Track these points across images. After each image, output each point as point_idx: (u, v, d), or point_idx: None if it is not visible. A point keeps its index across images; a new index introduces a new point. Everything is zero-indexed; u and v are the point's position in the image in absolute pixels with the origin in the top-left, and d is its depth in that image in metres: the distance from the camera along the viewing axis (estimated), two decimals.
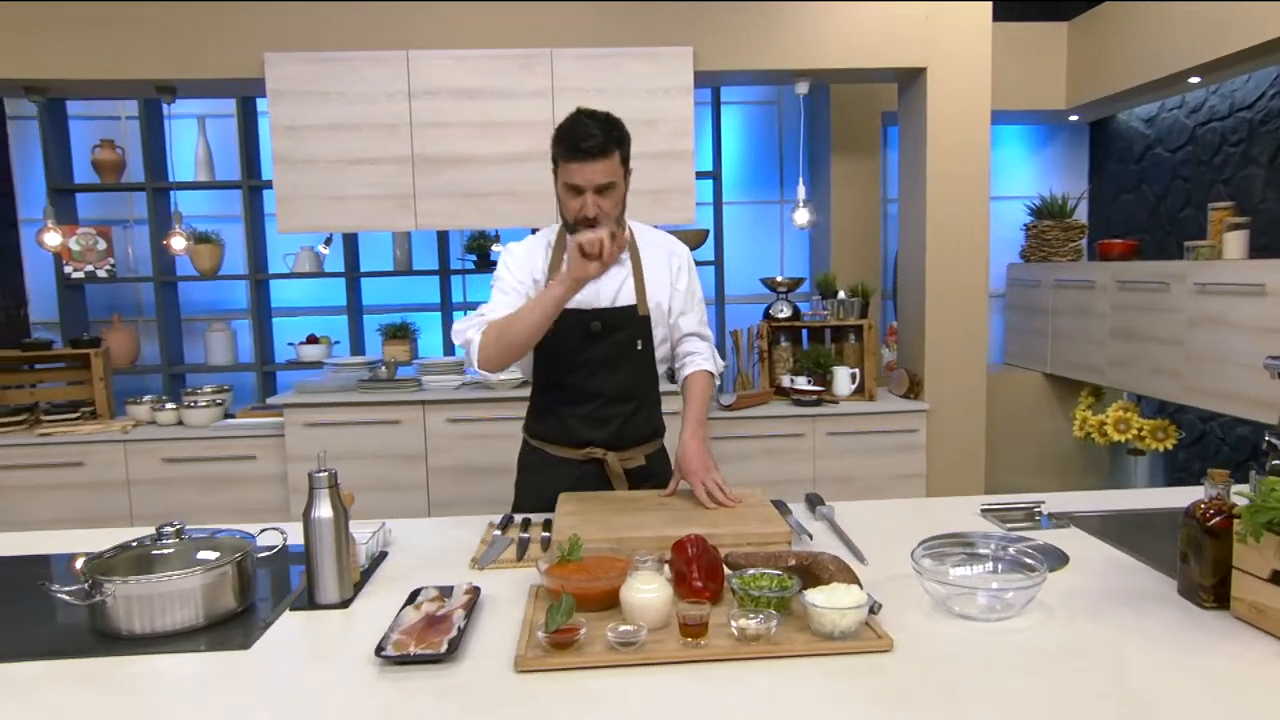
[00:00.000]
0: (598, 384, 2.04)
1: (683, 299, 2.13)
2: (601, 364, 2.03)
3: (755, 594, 1.36)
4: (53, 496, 3.80)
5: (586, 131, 1.88)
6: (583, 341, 2.01)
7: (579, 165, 1.89)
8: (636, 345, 2.04)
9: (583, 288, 1.83)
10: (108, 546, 1.52)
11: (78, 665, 1.30)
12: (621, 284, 2.05)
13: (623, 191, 1.99)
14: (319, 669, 1.28)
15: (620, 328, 2.02)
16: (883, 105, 4.83)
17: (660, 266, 2.10)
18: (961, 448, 4.03)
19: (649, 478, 2.10)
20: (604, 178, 1.90)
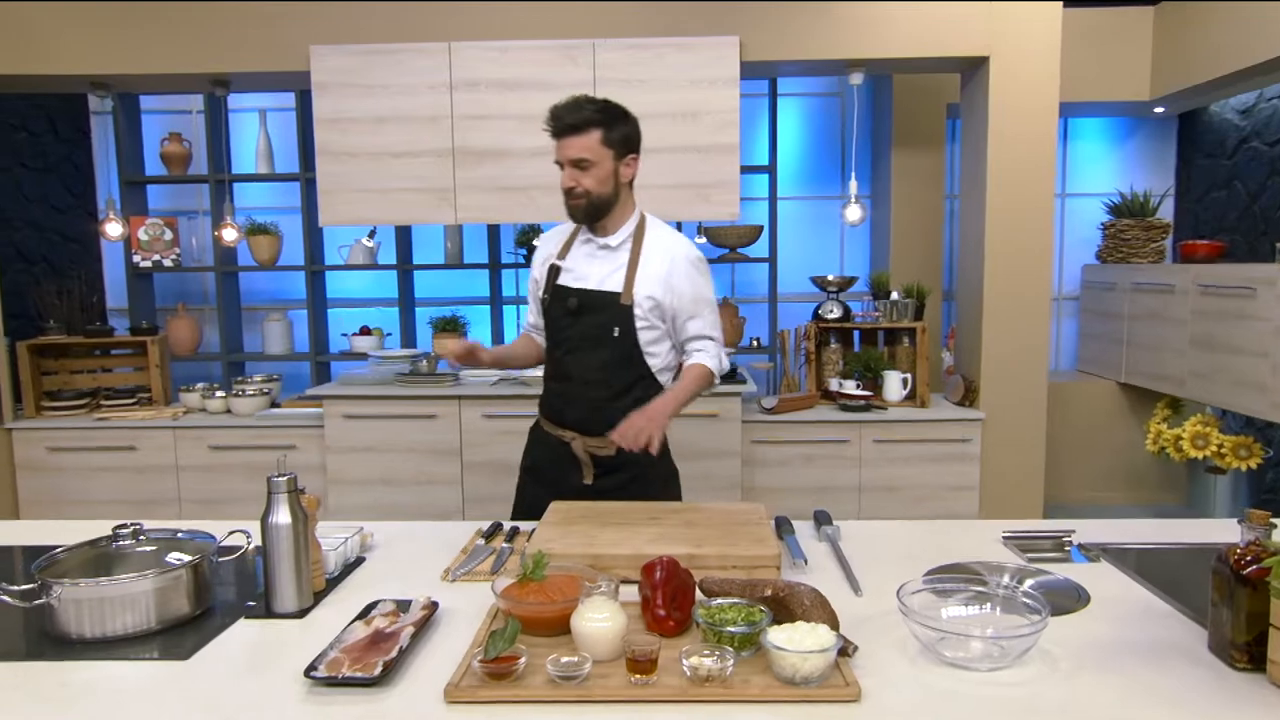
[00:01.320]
0: (572, 363, 2.13)
1: (686, 302, 2.11)
2: (578, 344, 2.11)
3: (717, 628, 1.25)
4: (108, 478, 3.91)
5: (565, 108, 2.00)
6: (564, 317, 2.12)
7: (558, 141, 2.02)
8: (614, 332, 2.07)
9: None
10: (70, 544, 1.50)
11: (16, 669, 1.28)
12: (612, 271, 2.10)
13: (609, 170, 2.04)
14: (250, 685, 1.23)
15: (598, 311, 2.08)
16: (948, 97, 4.59)
17: (657, 262, 2.09)
18: (1019, 460, 3.79)
19: (618, 469, 2.11)
20: (578, 153, 2.00)
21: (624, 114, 2.07)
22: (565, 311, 2.10)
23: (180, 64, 3.83)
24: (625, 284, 2.07)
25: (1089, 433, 4.65)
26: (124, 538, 1.47)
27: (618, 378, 2.10)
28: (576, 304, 2.08)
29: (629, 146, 2.08)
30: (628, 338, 2.08)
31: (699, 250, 2.18)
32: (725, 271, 5.30)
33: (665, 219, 3.84)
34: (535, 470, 2.24)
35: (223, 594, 1.54)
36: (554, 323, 2.15)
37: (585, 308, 2.08)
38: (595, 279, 2.09)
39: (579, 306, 2.08)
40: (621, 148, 2.05)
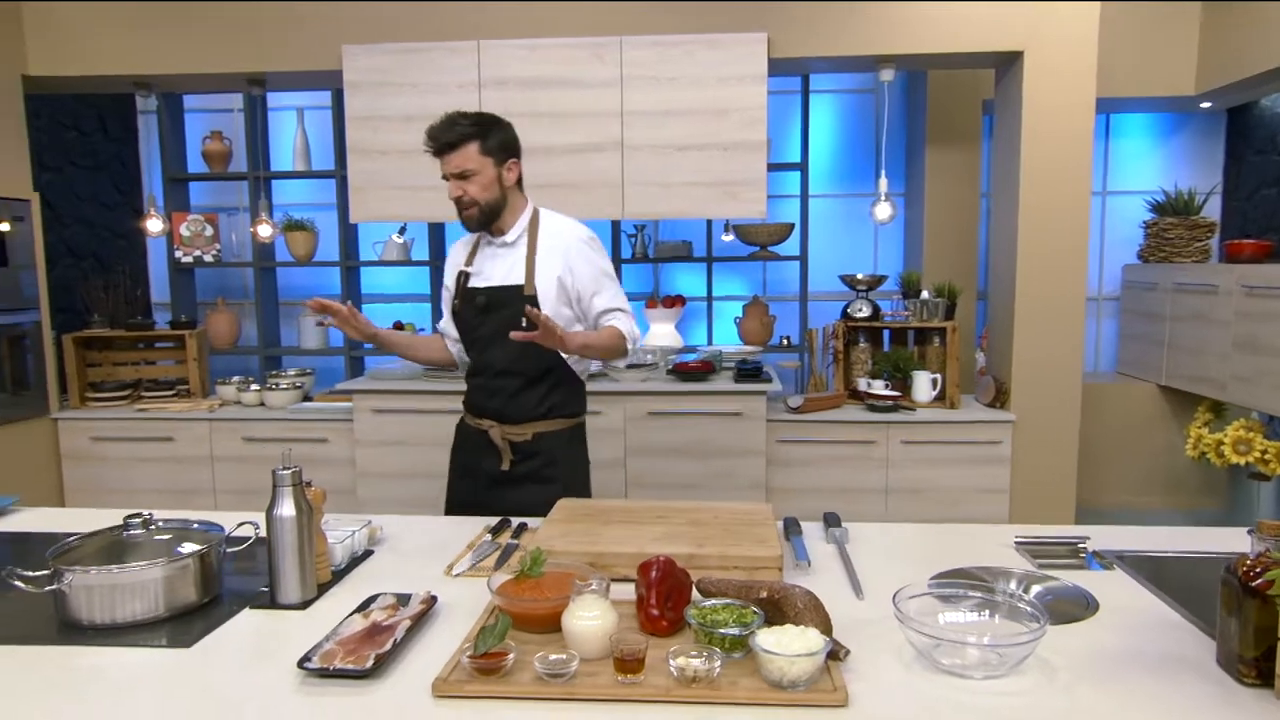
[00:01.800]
0: (488, 358, 2.25)
1: (586, 280, 2.23)
2: (490, 339, 2.22)
3: (709, 629, 1.24)
4: (148, 468, 4.02)
5: (440, 128, 2.12)
6: (476, 316, 2.24)
7: (440, 159, 2.14)
8: (522, 323, 2.14)
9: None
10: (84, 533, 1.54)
11: (30, 652, 1.32)
12: (512, 266, 2.22)
13: (491, 177, 2.15)
14: (246, 675, 1.25)
15: (505, 305, 2.19)
16: (984, 93, 4.51)
17: (554, 250, 2.22)
18: (1051, 463, 3.71)
19: (534, 454, 2.23)
20: (459, 166, 2.12)
21: (497, 122, 2.18)
22: (476, 311, 2.23)
23: (218, 64, 3.91)
24: (526, 275, 2.19)
25: (1127, 436, 4.54)
26: (135, 527, 1.50)
27: (530, 366, 2.21)
28: (484, 301, 2.21)
29: (508, 151, 2.19)
30: (532, 326, 2.14)
31: (590, 230, 2.31)
32: (755, 270, 5.27)
33: (692, 217, 3.88)
34: (458, 464, 2.36)
35: (236, 584, 1.58)
36: (468, 324, 2.27)
37: (493, 304, 2.21)
38: (499, 276, 2.22)
39: (487, 304, 2.21)
40: (500, 154, 2.16)
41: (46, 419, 4.02)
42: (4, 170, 3.82)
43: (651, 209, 3.74)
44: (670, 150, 3.68)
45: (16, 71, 3.88)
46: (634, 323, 2.28)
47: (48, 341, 4.03)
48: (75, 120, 4.94)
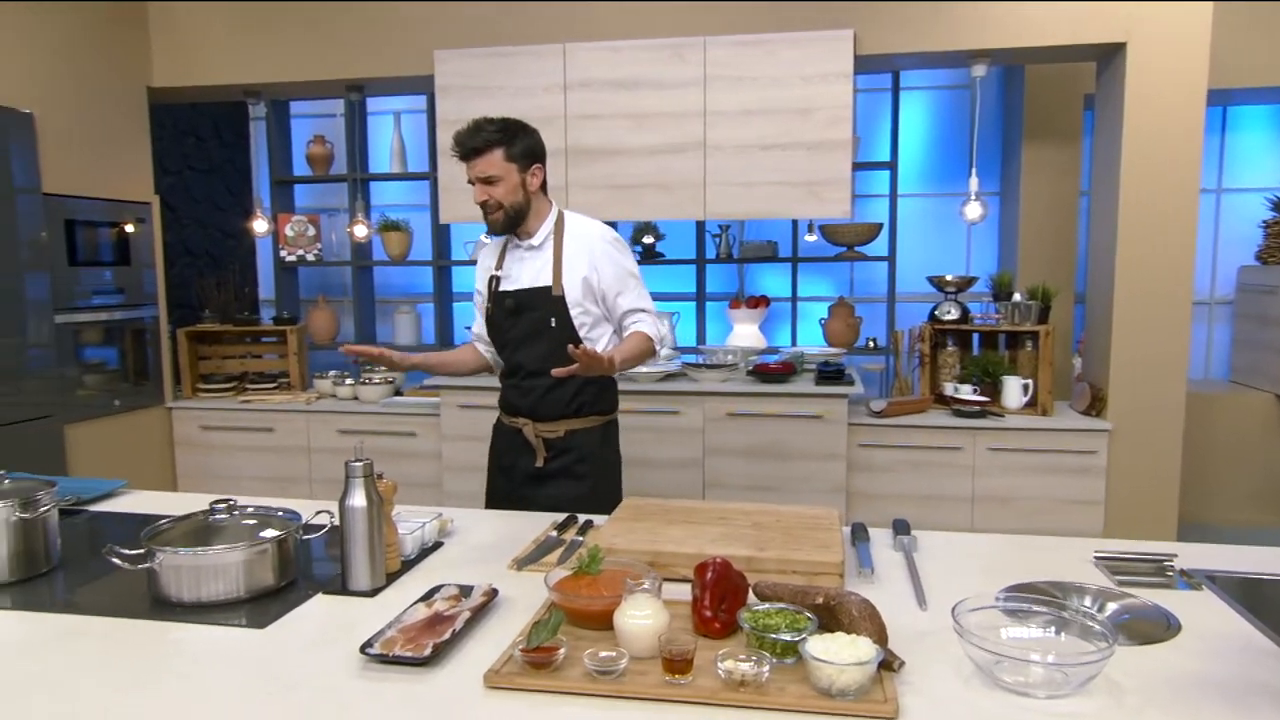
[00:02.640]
0: (520, 358, 2.31)
1: (610, 279, 2.28)
2: (521, 340, 2.30)
3: (761, 633, 1.24)
4: (250, 457, 4.24)
5: (467, 133, 2.18)
6: (506, 318, 2.31)
7: (466, 163, 2.19)
8: (550, 322, 2.25)
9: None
10: (174, 516, 1.64)
11: (125, 624, 1.42)
12: (541, 267, 2.28)
13: (516, 182, 2.20)
14: (312, 657, 1.31)
15: (534, 307, 2.27)
16: (1085, 87, 4.32)
17: (580, 251, 2.27)
18: (1151, 475, 3.53)
19: (566, 450, 2.30)
20: (484, 170, 2.17)
21: (523, 129, 2.23)
22: (507, 314, 2.29)
23: (319, 71, 4.09)
24: (554, 276, 2.25)
25: (1239, 449, 4.28)
26: (221, 512, 1.59)
27: (560, 365, 2.17)
28: (514, 304, 2.28)
29: (532, 157, 2.23)
30: (564, 326, 2.26)
31: (614, 231, 2.35)
32: (842, 270, 5.18)
33: (774, 217, 3.84)
34: (495, 461, 2.44)
35: (312, 569, 1.65)
36: (499, 326, 2.33)
37: (522, 306, 2.27)
38: (527, 279, 2.28)
39: (516, 306, 2.28)
40: (524, 160, 2.21)
41: (162, 408, 4.28)
42: (130, 175, 4.09)
43: (733, 209, 3.73)
44: (753, 150, 3.66)
45: (142, 84, 4.15)
46: (659, 323, 2.33)
47: (164, 335, 4.29)
48: (193, 127, 5.24)
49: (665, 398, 3.74)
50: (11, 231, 3.43)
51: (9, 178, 3.43)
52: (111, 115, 3.99)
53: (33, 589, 1.58)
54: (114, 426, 3.99)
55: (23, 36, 3.53)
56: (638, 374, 3.84)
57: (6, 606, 1.51)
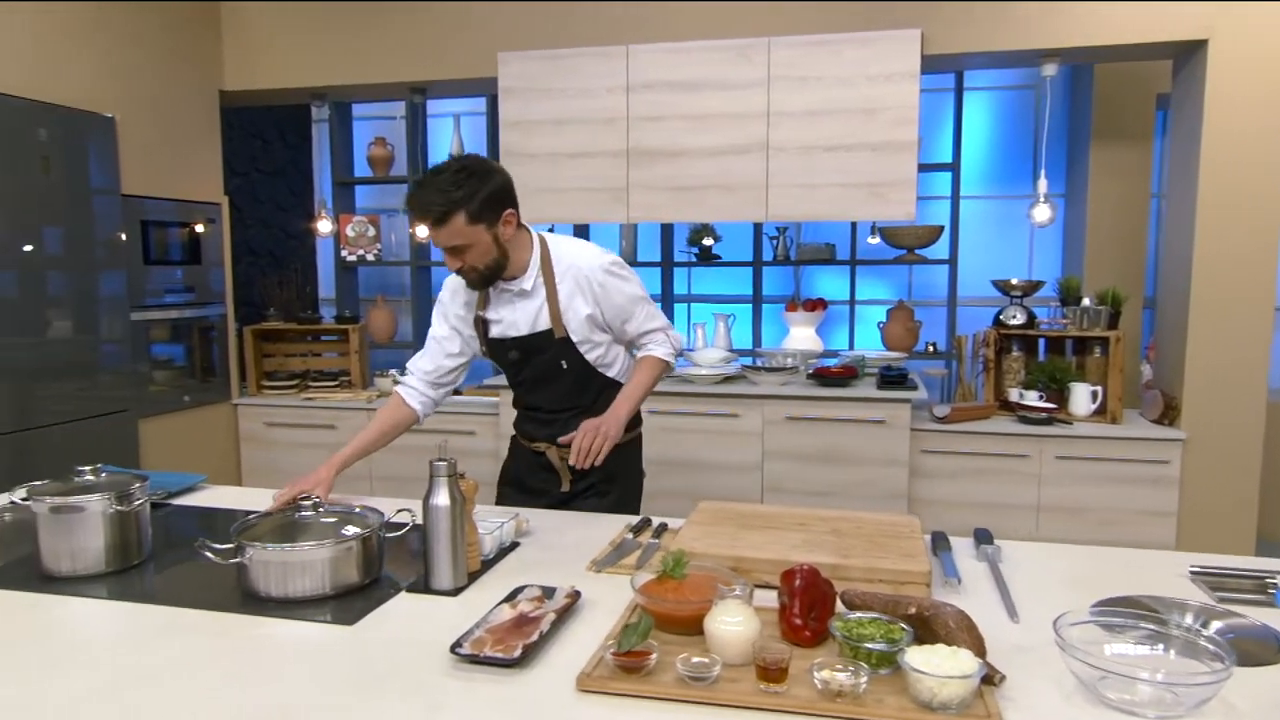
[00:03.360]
0: (536, 398, 2.21)
1: (617, 310, 2.14)
2: (536, 382, 2.17)
3: (855, 643, 1.22)
4: (312, 453, 4.30)
5: (421, 200, 1.90)
6: (511, 366, 2.17)
7: (428, 230, 1.95)
8: (561, 365, 2.12)
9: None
10: (261, 512, 1.67)
11: (219, 617, 1.45)
12: (537, 310, 2.10)
13: (488, 243, 1.95)
14: (401, 654, 1.32)
15: (540, 351, 2.12)
16: (1157, 87, 4.21)
17: (578, 288, 2.09)
18: (1227, 488, 3.42)
19: (592, 471, 2.13)
20: (448, 241, 1.93)
21: (481, 175, 1.91)
22: (509, 362, 2.16)
23: (385, 74, 4.14)
24: (553, 319, 2.08)
25: None
26: (306, 509, 1.62)
27: (582, 398, 2.17)
28: (519, 354, 2.13)
29: (500, 205, 1.95)
30: (577, 364, 2.14)
31: (611, 254, 2.15)
32: (901, 273, 5.11)
33: (837, 219, 3.80)
34: (517, 483, 2.30)
35: (393, 567, 1.67)
36: (503, 366, 2.20)
37: (528, 352, 2.12)
38: (525, 324, 2.10)
39: (522, 355, 2.13)
40: (491, 214, 1.93)
41: (228, 404, 4.37)
42: (201, 176, 4.18)
43: (795, 211, 3.70)
44: (817, 151, 3.62)
45: (215, 87, 4.25)
46: (673, 332, 2.23)
47: (232, 333, 4.39)
48: (259, 129, 5.36)
49: (724, 400, 3.72)
50: (92, 232, 3.53)
51: (90, 180, 3.53)
52: (186, 118, 4.09)
53: (127, 580, 1.62)
54: (183, 421, 4.09)
55: (106, 41, 3.64)
56: (695, 375, 3.83)
57: (103, 596, 1.55)
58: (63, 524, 1.60)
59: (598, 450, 2.02)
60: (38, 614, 1.49)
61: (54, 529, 1.60)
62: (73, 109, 3.46)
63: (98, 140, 3.58)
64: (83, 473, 1.72)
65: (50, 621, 1.46)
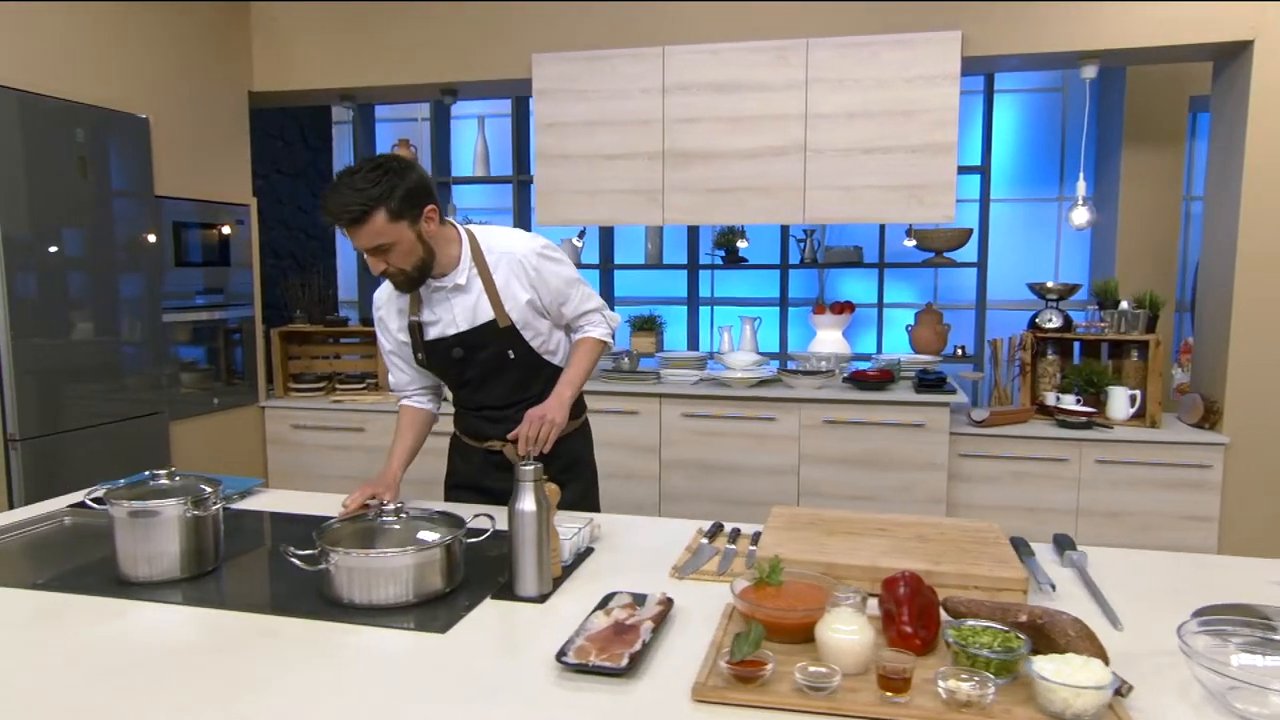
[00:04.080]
0: (483, 396, 2.14)
1: (553, 293, 2.09)
2: (480, 379, 2.11)
3: (974, 651, 1.19)
4: (339, 456, 4.28)
5: (339, 199, 1.80)
6: (454, 364, 2.09)
7: (345, 231, 1.86)
8: (509, 355, 2.08)
9: None
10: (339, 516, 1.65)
11: (304, 624, 1.42)
12: (475, 303, 2.04)
13: (411, 240, 1.88)
14: (504, 663, 1.30)
15: (484, 345, 2.06)
16: (1190, 89, 4.20)
17: (513, 274, 2.05)
18: (1272, 492, 3.40)
19: (553, 460, 1.99)
20: (371, 241, 1.84)
21: (398, 171, 1.83)
22: (454, 361, 2.07)
23: (416, 75, 4.12)
24: (495, 309, 2.03)
25: None
26: (388, 514, 1.59)
27: (531, 388, 2.12)
28: (461, 352, 2.06)
29: (420, 201, 1.86)
30: (524, 353, 2.09)
31: (541, 238, 2.11)
32: (926, 276, 5.09)
33: (875, 221, 3.78)
34: (473, 486, 2.22)
35: (471, 573, 1.64)
36: (445, 370, 2.12)
37: (472, 348, 2.06)
38: (464, 319, 2.04)
39: (466, 352, 2.06)
40: (413, 210, 1.85)
41: (255, 407, 4.34)
42: (231, 178, 4.16)
43: (834, 214, 3.68)
44: (855, 153, 3.60)
45: (244, 88, 4.23)
46: (608, 311, 2.20)
47: (259, 335, 4.36)
48: (281, 131, 5.33)
49: (761, 404, 3.70)
50: (125, 233, 3.51)
51: (125, 181, 3.50)
52: (216, 119, 4.07)
53: (203, 586, 1.60)
54: (212, 424, 4.06)
55: (137, 41, 3.61)
56: (732, 379, 3.81)
57: (183, 602, 1.52)
58: (140, 528, 1.57)
59: (545, 438, 1.96)
60: (124, 621, 1.46)
61: (131, 533, 1.57)
62: (108, 109, 3.43)
63: (132, 141, 3.55)
64: (157, 476, 1.69)
65: (137, 628, 1.44)
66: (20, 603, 1.52)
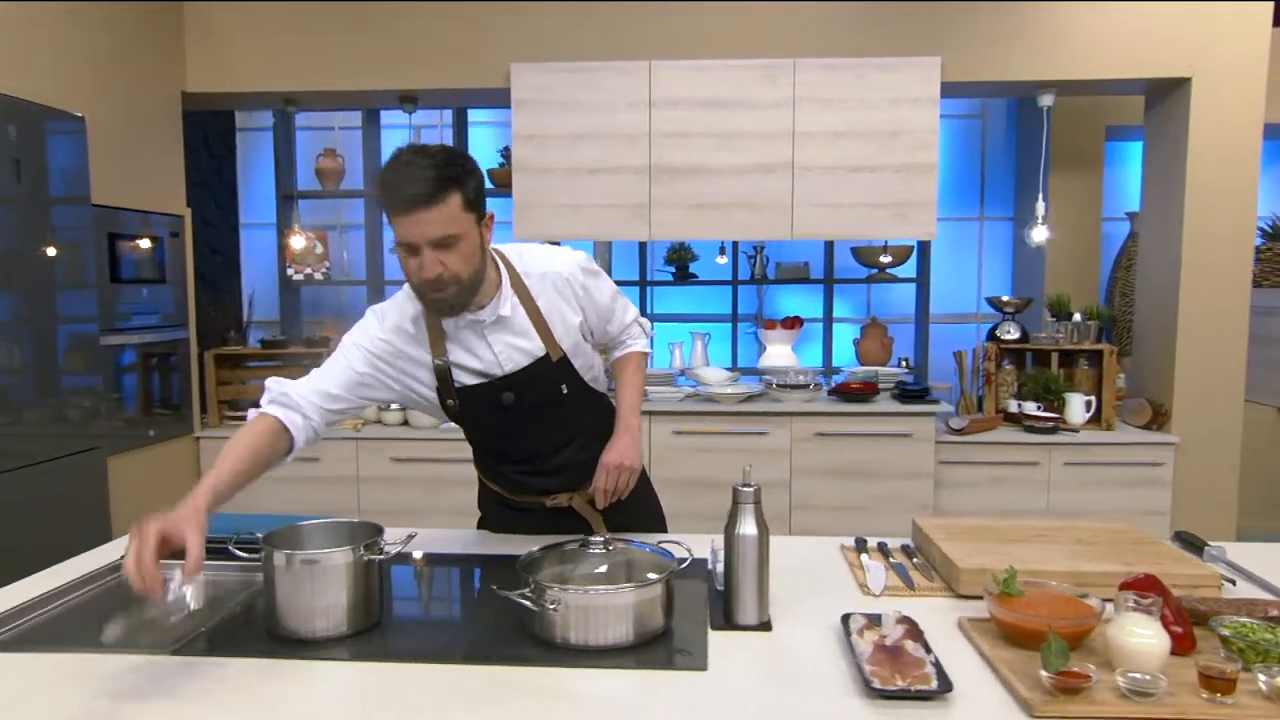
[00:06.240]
0: (529, 444, 1.83)
1: (602, 313, 1.88)
2: (525, 424, 1.79)
3: (1263, 648, 1.23)
4: (289, 489, 3.93)
5: (412, 174, 1.50)
6: (496, 411, 1.77)
7: (408, 216, 1.52)
8: (562, 390, 1.81)
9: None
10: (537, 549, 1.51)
11: (532, 673, 1.29)
12: (524, 336, 1.76)
13: (475, 242, 1.59)
14: (791, 695, 1.22)
15: (535, 385, 1.78)
16: (1107, 119, 4.60)
17: (559, 298, 1.79)
18: (1214, 486, 3.75)
19: (623, 507, 1.87)
20: (441, 229, 1.52)
21: (471, 164, 1.60)
22: (497, 408, 1.76)
23: (373, 80, 3.89)
24: (545, 341, 1.77)
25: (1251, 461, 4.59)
26: (594, 545, 1.47)
27: (581, 422, 1.88)
28: (512, 397, 1.75)
29: (484, 202, 1.62)
30: (575, 385, 1.83)
31: (580, 252, 1.87)
32: (863, 291, 5.30)
33: (862, 239, 3.90)
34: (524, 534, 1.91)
35: None
36: (480, 419, 1.80)
37: (521, 391, 1.76)
38: (511, 358, 1.75)
39: (515, 397, 1.76)
40: (480, 209, 1.60)
41: (189, 438, 3.93)
42: (164, 186, 3.77)
43: (821, 230, 3.76)
44: (841, 171, 3.70)
45: (177, 88, 3.85)
46: (643, 319, 2.01)
47: (194, 359, 3.96)
48: (186, 137, 4.88)
49: (752, 419, 3.71)
50: (63, 246, 3.09)
51: (61, 187, 3.09)
52: (149, 121, 3.68)
53: (378, 638, 1.41)
54: (147, 458, 3.65)
55: (73, 34, 3.21)
56: (721, 395, 3.80)
57: (371, 657, 1.34)
58: (306, 577, 1.38)
59: (625, 488, 1.81)
60: (336, 680, 1.27)
61: (297, 584, 1.37)
62: (42, 105, 3.03)
63: (68, 143, 3.14)
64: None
65: (354, 692, 1.25)
66: (181, 670, 1.30)
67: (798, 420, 3.70)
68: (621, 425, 1.87)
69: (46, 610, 1.58)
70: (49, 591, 1.63)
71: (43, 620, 1.55)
